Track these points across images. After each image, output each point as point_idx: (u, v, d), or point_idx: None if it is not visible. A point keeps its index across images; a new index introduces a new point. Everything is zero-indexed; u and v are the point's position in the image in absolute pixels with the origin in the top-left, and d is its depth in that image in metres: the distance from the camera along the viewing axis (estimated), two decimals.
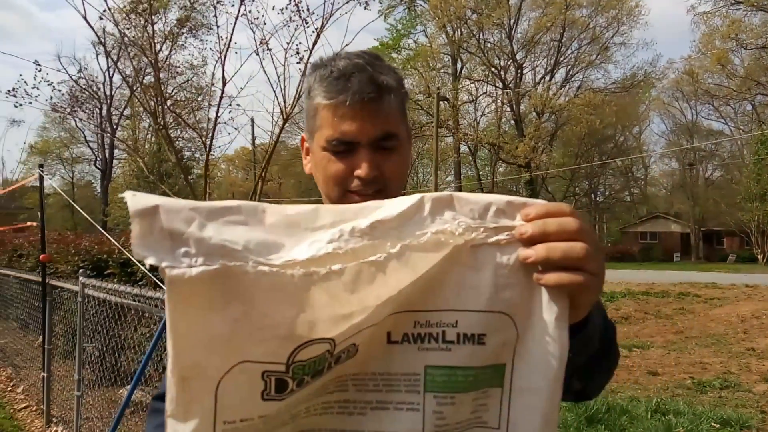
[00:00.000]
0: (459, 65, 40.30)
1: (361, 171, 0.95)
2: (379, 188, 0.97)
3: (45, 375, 5.64)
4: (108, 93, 41.21)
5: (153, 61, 7.51)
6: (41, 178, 5.99)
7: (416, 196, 0.64)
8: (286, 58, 7.15)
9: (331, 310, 0.58)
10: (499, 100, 40.58)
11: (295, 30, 7.24)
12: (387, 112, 0.97)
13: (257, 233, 0.58)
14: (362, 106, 0.94)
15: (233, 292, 0.55)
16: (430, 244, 0.62)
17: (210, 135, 7.61)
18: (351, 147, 0.96)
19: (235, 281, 0.55)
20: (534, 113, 39.15)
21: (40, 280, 5.92)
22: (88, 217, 8.18)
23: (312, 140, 1.02)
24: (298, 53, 7.20)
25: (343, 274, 0.58)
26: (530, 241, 0.64)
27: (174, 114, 10.01)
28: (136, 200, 0.55)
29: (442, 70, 40.40)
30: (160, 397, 0.93)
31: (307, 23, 7.17)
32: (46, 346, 5.68)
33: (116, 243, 5.80)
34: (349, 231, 0.60)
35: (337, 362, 0.61)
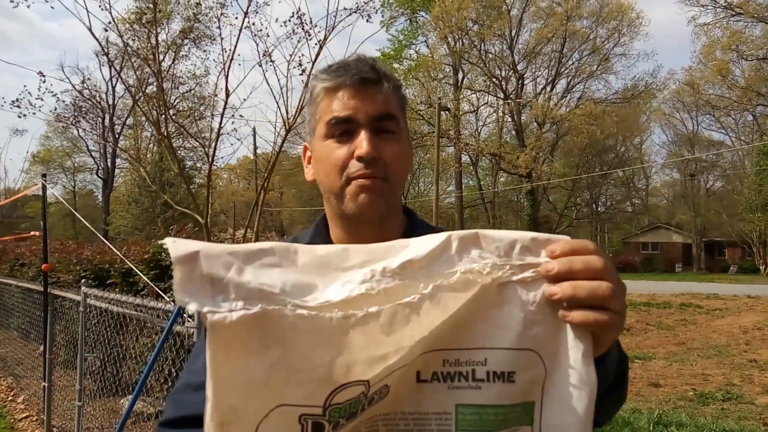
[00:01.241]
0: (460, 75, 40.41)
1: (361, 150, 0.93)
2: (381, 175, 0.95)
3: (46, 385, 5.61)
4: (111, 102, 41.40)
5: (156, 71, 7.52)
6: (44, 188, 5.98)
7: (443, 235, 0.65)
8: (288, 69, 7.17)
9: (367, 352, 0.58)
10: (500, 111, 40.72)
11: (298, 42, 7.26)
12: (386, 95, 0.98)
13: (291, 275, 0.59)
14: (361, 85, 0.95)
15: (271, 335, 0.56)
16: (460, 283, 0.62)
17: (213, 145, 7.62)
18: (350, 127, 0.96)
19: (273, 324, 0.56)
20: (535, 123, 39.18)
21: (41, 289, 5.90)
22: (89, 226, 8.16)
23: (313, 139, 1.02)
24: (300, 65, 7.21)
25: (380, 317, 0.59)
26: (556, 279, 0.65)
27: (176, 123, 10.02)
28: (177, 247, 0.56)
29: (443, 81, 40.49)
30: (167, 423, 0.93)
31: (309, 35, 7.18)
32: (47, 356, 5.65)
33: (118, 252, 5.79)
34: (381, 271, 0.61)
35: (370, 404, 0.62)
